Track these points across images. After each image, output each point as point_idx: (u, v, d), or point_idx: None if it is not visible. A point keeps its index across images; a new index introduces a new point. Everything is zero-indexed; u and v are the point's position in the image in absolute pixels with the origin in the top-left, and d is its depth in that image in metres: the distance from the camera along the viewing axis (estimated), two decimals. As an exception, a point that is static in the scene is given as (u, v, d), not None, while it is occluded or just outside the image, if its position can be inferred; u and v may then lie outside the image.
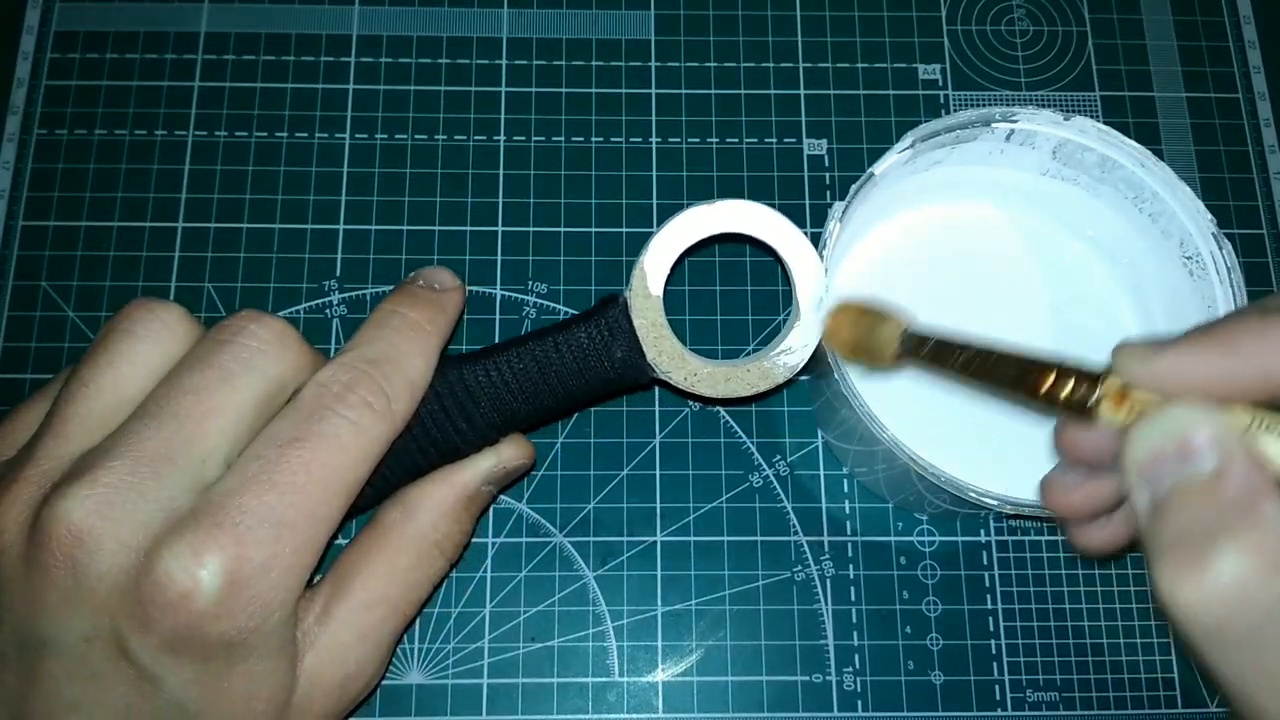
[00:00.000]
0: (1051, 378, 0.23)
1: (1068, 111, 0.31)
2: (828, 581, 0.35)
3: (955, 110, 0.38)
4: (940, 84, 0.42)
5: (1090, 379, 0.22)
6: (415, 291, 0.28)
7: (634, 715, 0.34)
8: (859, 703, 0.34)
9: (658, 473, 0.36)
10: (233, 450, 0.24)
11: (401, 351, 0.26)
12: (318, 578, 0.26)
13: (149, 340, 0.25)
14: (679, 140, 0.40)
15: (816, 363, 0.30)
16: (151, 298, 0.26)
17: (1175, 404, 0.20)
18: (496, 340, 0.38)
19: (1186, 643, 0.18)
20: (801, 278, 0.29)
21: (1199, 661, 0.19)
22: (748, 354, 0.37)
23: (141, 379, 0.24)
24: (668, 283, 0.29)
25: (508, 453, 0.29)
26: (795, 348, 0.29)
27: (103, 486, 0.22)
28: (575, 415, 0.37)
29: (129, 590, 0.22)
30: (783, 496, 0.36)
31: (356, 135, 0.40)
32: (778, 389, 0.29)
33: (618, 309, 0.28)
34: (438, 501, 0.28)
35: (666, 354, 0.28)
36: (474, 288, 0.38)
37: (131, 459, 0.22)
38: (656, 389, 0.37)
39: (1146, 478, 0.20)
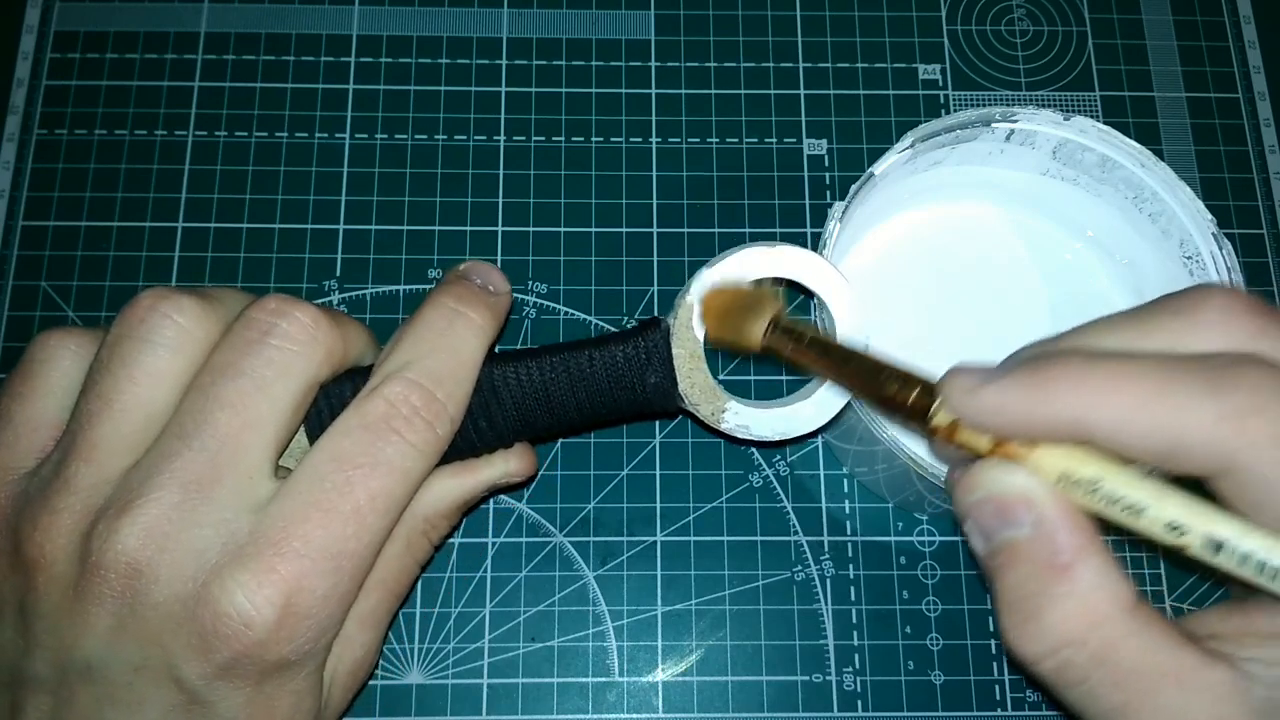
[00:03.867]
0: (896, 385, 0.23)
1: (1068, 111, 0.31)
2: (828, 581, 0.35)
3: (955, 110, 0.38)
4: (940, 84, 0.42)
5: (931, 391, 0.22)
6: (476, 291, 0.26)
7: (634, 715, 0.34)
8: (859, 703, 0.34)
9: (658, 473, 0.36)
10: (276, 456, 0.23)
11: (464, 364, 0.25)
12: None
13: (168, 349, 0.23)
14: (679, 140, 0.40)
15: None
16: (160, 293, 0.24)
17: (991, 463, 0.21)
18: (496, 346, 0.38)
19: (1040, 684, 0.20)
20: (844, 331, 0.29)
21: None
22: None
23: (167, 392, 0.23)
24: None
25: (515, 465, 0.29)
26: (823, 401, 0.29)
27: (154, 517, 0.21)
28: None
29: (185, 619, 0.21)
30: (783, 496, 0.36)
31: (356, 135, 0.40)
32: (797, 440, 0.29)
33: (659, 334, 0.28)
34: (436, 498, 0.28)
35: (699, 387, 0.28)
36: (474, 288, 0.38)
37: (178, 485, 0.22)
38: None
39: (974, 524, 0.21)
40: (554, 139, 0.40)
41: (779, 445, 0.30)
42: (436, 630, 0.34)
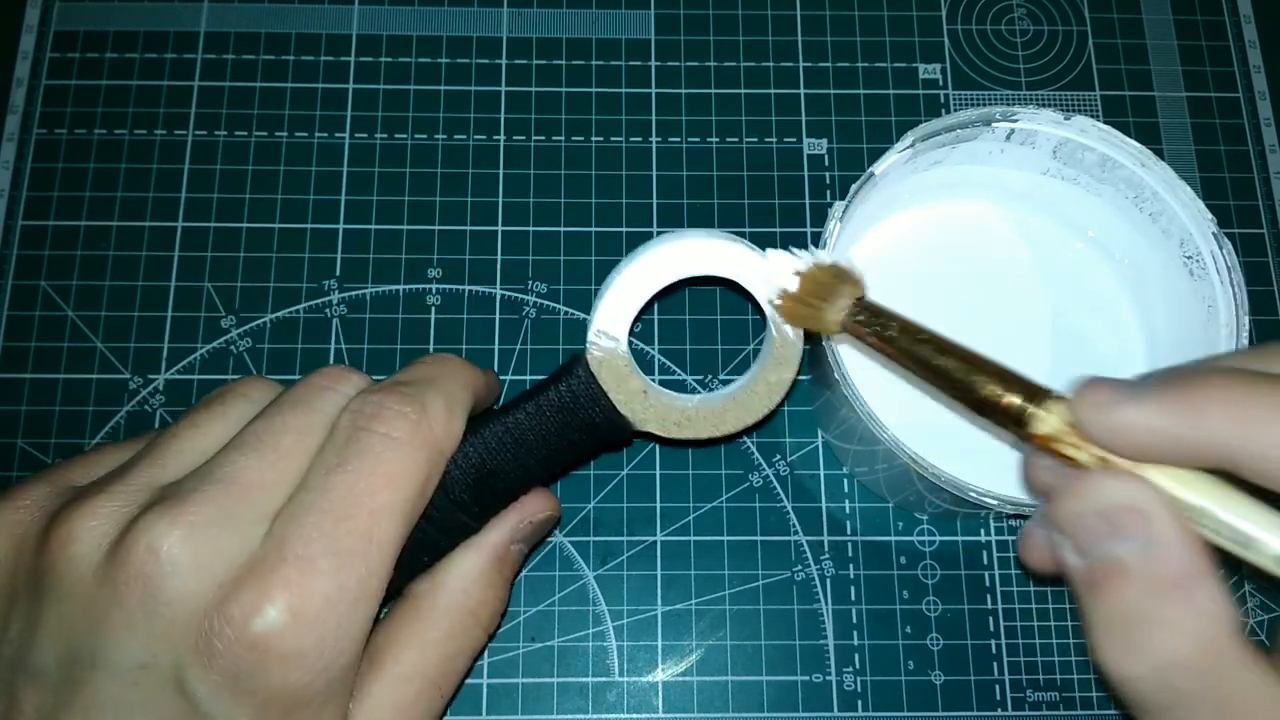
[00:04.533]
0: (993, 386, 0.22)
1: (1068, 111, 0.31)
2: (828, 581, 0.35)
3: (955, 110, 0.38)
4: (940, 84, 0.42)
5: (1031, 394, 0.21)
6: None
7: (634, 715, 0.34)
8: (859, 703, 0.34)
9: (658, 473, 0.36)
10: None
11: (439, 375, 0.26)
12: None
13: (262, 406, 0.25)
14: (679, 140, 0.40)
15: (816, 364, 0.30)
16: (341, 373, 0.26)
17: (1102, 473, 0.20)
18: (495, 346, 0.38)
19: (1125, 706, 0.20)
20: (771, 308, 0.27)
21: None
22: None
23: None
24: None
25: (532, 506, 0.28)
26: (774, 378, 0.28)
27: (192, 513, 0.22)
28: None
29: (197, 620, 0.21)
30: (783, 496, 0.36)
31: (356, 135, 0.40)
32: (763, 421, 0.28)
33: (581, 373, 0.27)
34: (468, 567, 0.27)
35: (640, 406, 0.27)
36: (474, 287, 0.38)
37: (225, 487, 0.22)
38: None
39: (1074, 540, 0.20)
40: (554, 138, 0.40)
41: (751, 430, 0.29)
42: (436, 630, 0.34)
